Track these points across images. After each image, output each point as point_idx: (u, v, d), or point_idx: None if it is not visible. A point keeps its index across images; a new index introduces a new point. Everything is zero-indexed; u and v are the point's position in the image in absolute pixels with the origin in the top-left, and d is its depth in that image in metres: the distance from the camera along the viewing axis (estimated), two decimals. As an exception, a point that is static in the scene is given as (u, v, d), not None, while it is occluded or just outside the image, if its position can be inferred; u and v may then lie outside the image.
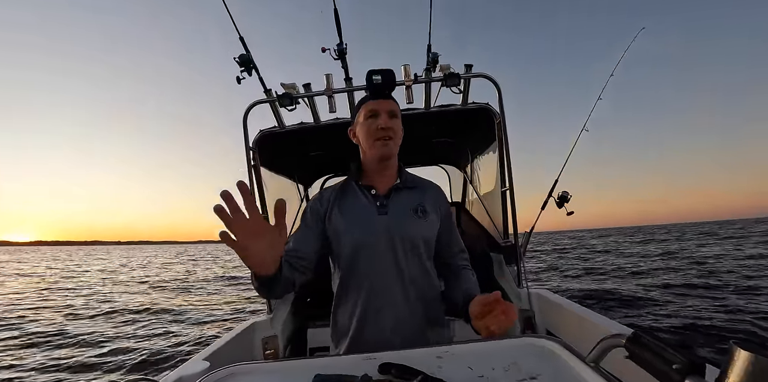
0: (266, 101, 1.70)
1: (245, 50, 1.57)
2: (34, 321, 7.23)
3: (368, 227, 0.98)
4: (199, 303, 9.06)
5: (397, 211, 1.01)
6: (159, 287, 12.75)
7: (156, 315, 7.66)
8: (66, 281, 15.84)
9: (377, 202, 1.02)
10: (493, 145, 1.87)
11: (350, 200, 1.04)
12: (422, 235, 1.01)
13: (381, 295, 0.97)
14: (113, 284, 14.25)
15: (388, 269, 0.97)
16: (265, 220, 0.70)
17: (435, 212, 1.05)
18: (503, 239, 1.81)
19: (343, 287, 1.02)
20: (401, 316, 0.97)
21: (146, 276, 17.29)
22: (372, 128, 0.99)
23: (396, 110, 1.02)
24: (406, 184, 1.07)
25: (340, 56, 1.57)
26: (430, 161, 2.91)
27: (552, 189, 1.85)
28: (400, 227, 0.99)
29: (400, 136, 1.03)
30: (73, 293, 11.62)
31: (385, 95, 1.03)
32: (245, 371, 0.67)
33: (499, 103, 1.69)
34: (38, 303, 9.49)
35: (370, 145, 1.00)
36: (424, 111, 1.76)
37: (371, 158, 1.03)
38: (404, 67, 1.63)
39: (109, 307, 8.65)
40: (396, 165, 1.08)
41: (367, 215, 1.00)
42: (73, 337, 5.88)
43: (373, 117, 1.00)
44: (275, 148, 1.94)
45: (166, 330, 6.24)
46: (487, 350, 0.68)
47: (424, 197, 1.06)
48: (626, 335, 0.50)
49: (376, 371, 0.61)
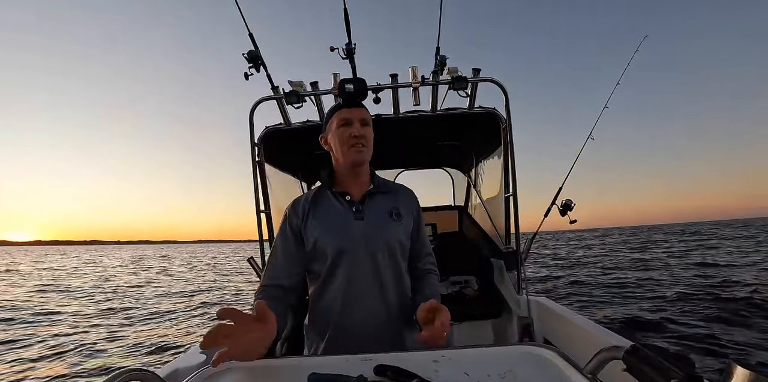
0: (273, 98, 1.70)
1: (254, 46, 1.57)
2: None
3: (345, 232, 1.00)
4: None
5: (373, 215, 1.03)
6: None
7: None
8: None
9: (353, 207, 1.04)
10: (498, 149, 1.87)
11: (325, 208, 1.06)
12: (399, 238, 1.03)
13: (359, 299, 0.98)
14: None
15: (367, 274, 0.99)
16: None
17: (409, 215, 1.08)
18: (505, 245, 1.81)
19: (320, 293, 1.03)
20: (379, 319, 0.98)
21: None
22: (345, 136, 1.01)
23: (368, 118, 1.04)
24: (379, 189, 1.09)
25: (348, 56, 1.57)
26: (434, 164, 2.91)
27: (556, 197, 1.84)
28: (377, 232, 1.01)
29: (371, 143, 1.06)
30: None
31: (357, 103, 1.05)
32: (242, 366, 0.67)
33: (506, 109, 1.69)
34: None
35: (344, 152, 1.02)
36: (431, 113, 1.76)
37: (344, 165, 1.05)
38: (412, 69, 1.63)
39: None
40: (368, 171, 1.10)
41: (343, 220, 1.02)
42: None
43: (346, 125, 1.01)
44: (280, 145, 1.94)
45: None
46: (483, 356, 0.68)
47: (398, 201, 1.08)
48: (625, 348, 0.50)
49: (372, 372, 0.61)
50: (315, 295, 1.04)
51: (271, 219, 1.84)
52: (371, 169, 1.11)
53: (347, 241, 0.99)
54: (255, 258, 1.82)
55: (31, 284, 13.86)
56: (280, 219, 1.09)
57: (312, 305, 1.06)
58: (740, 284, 8.05)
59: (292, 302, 1.03)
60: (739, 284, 7.98)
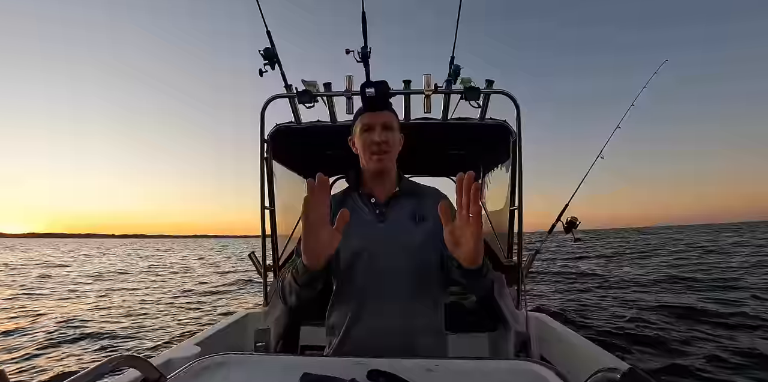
0: (286, 96, 1.71)
1: (270, 44, 1.59)
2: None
3: (367, 235, 1.00)
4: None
5: (396, 219, 1.03)
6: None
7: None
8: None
9: (376, 210, 1.05)
10: (506, 162, 1.86)
11: (350, 209, 1.06)
12: (420, 241, 1.01)
13: (375, 301, 0.98)
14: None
15: (385, 277, 0.99)
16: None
17: (436, 218, 1.06)
18: (506, 259, 1.80)
19: (339, 293, 1.04)
20: (394, 322, 0.97)
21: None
22: (367, 142, 1.01)
23: (390, 122, 1.03)
24: (405, 191, 1.08)
25: (363, 59, 1.58)
26: (441, 172, 2.91)
27: (561, 214, 1.83)
28: (398, 235, 1.00)
29: (396, 148, 1.05)
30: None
31: (379, 107, 1.04)
32: (235, 360, 0.67)
33: (517, 122, 1.68)
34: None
35: (366, 158, 1.03)
36: (441, 122, 1.76)
37: (367, 170, 1.07)
38: (425, 76, 1.64)
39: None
40: (394, 174, 1.10)
41: (366, 223, 1.03)
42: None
43: (368, 131, 1.02)
44: (289, 144, 1.95)
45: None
46: (478, 369, 0.67)
47: (424, 204, 1.07)
48: (622, 370, 0.49)
49: (365, 376, 0.61)
50: (335, 294, 1.06)
51: (275, 216, 1.85)
52: (398, 172, 1.11)
53: (368, 243, 0.99)
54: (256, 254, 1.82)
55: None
56: (284, 216, 1.09)
57: (332, 302, 1.07)
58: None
59: (319, 288, 1.01)
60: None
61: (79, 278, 13.50)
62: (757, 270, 10.70)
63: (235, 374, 0.64)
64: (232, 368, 0.66)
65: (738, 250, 17.65)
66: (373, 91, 1.03)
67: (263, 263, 1.79)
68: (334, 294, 1.06)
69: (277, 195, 1.87)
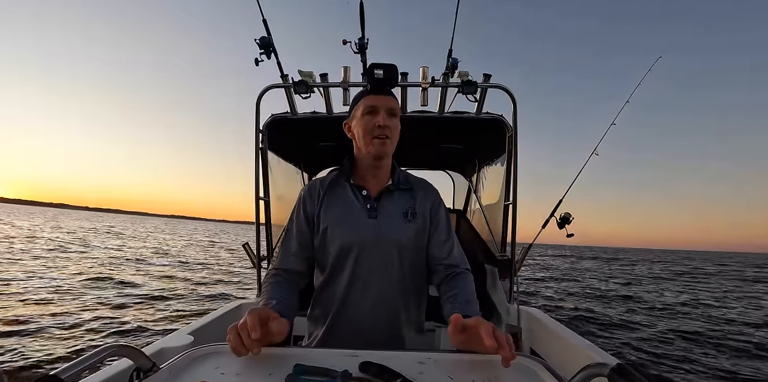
0: (281, 86, 1.69)
1: (267, 33, 1.56)
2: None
3: (356, 229, 0.98)
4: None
5: (387, 215, 1.00)
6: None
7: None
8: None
9: (367, 204, 1.01)
10: (501, 157, 1.87)
11: (340, 199, 1.03)
12: (410, 239, 1.00)
13: (361, 296, 0.98)
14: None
15: (372, 272, 0.98)
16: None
17: (425, 214, 1.04)
18: (500, 252, 1.81)
19: (324, 286, 1.02)
20: (380, 317, 0.97)
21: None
22: (370, 125, 0.96)
23: (395, 108, 0.99)
24: (398, 185, 1.05)
25: (360, 50, 1.56)
26: (436, 165, 2.91)
27: (555, 209, 1.83)
28: (389, 232, 0.98)
29: (397, 135, 1.00)
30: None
31: (386, 91, 0.99)
32: (227, 350, 0.67)
33: (513, 117, 1.68)
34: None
35: (367, 142, 0.97)
36: (437, 115, 1.75)
37: (366, 155, 1.01)
38: (422, 68, 1.63)
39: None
40: (389, 165, 1.06)
41: (356, 217, 0.99)
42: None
43: (372, 113, 0.96)
44: (284, 134, 1.93)
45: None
46: (469, 362, 0.68)
47: (416, 199, 1.05)
48: (611, 366, 0.50)
49: (357, 368, 0.61)
50: (319, 287, 1.04)
51: (269, 207, 1.84)
52: (393, 163, 1.07)
53: (357, 238, 0.97)
54: (250, 244, 1.82)
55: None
56: (278, 206, 1.08)
57: (315, 296, 1.05)
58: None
59: (302, 286, 1.03)
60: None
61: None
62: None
63: (228, 364, 0.64)
64: (225, 358, 0.66)
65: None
66: (382, 73, 0.98)
67: (257, 254, 1.79)
68: (319, 286, 1.04)
69: (272, 185, 1.86)
